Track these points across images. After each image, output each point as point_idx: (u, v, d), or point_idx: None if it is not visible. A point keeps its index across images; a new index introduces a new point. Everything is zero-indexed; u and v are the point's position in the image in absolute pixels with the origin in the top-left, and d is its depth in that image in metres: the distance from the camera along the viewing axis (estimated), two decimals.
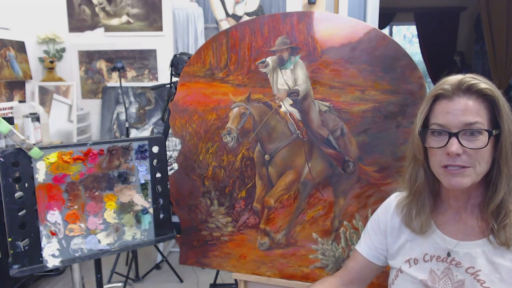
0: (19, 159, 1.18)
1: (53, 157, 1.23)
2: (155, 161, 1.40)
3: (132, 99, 3.07)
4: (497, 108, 0.81)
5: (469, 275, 0.85)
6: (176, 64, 2.23)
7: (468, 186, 0.82)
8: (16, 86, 2.87)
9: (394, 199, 1.01)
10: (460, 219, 0.89)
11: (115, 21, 3.06)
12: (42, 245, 1.23)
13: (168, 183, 1.44)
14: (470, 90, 0.81)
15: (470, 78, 0.82)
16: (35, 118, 2.59)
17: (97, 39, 3.07)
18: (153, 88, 2.54)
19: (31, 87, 3.03)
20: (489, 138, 0.79)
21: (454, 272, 0.87)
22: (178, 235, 1.51)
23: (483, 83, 0.81)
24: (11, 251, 1.17)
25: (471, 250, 0.85)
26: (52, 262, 1.24)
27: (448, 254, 0.88)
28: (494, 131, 0.80)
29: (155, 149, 1.40)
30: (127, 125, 2.75)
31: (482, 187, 0.85)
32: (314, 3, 2.49)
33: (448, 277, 0.87)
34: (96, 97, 3.16)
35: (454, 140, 0.80)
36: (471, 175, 0.81)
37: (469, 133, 0.80)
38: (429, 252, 0.91)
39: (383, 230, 1.01)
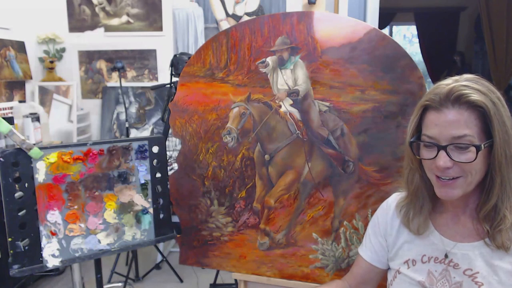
0: (19, 159, 1.18)
1: (53, 157, 1.23)
2: (155, 161, 1.40)
3: (132, 99, 3.07)
4: (489, 118, 0.76)
5: (467, 277, 0.85)
6: (176, 64, 2.23)
7: (460, 196, 0.81)
8: (16, 86, 2.87)
9: (394, 200, 1.01)
10: (458, 221, 0.88)
11: (115, 21, 3.06)
12: (42, 245, 1.23)
13: (168, 183, 1.45)
14: (459, 101, 0.77)
15: (462, 87, 0.77)
16: (35, 118, 2.59)
17: (97, 39, 3.08)
18: (153, 88, 2.54)
19: (31, 87, 3.03)
20: (477, 152, 0.76)
21: (452, 273, 0.86)
22: (178, 235, 1.51)
23: (475, 93, 0.76)
24: (11, 251, 1.17)
25: (469, 251, 0.85)
26: (52, 262, 1.24)
27: (446, 256, 0.88)
28: (483, 145, 0.77)
29: (155, 149, 1.40)
30: (127, 125, 2.75)
31: (479, 192, 0.84)
32: (314, 3, 2.49)
33: (445, 278, 0.87)
34: (96, 97, 3.16)
35: (442, 154, 0.78)
36: (461, 186, 0.80)
37: (458, 146, 0.77)
38: (427, 253, 0.91)
39: (383, 232, 1.01)
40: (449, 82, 0.80)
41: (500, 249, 0.81)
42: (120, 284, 2.47)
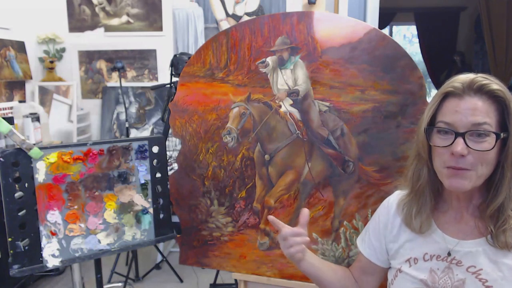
0: (19, 159, 1.18)
1: (53, 157, 1.23)
2: (155, 161, 1.40)
3: (132, 99, 3.07)
4: (507, 110, 0.79)
5: (470, 274, 0.85)
6: (176, 64, 2.23)
7: (469, 189, 0.81)
8: (16, 86, 2.87)
9: (395, 198, 1.01)
10: (461, 219, 0.89)
11: (115, 21, 3.05)
12: (42, 245, 1.23)
13: (168, 183, 1.45)
14: (481, 90, 0.80)
15: (482, 78, 0.81)
16: (35, 118, 2.59)
17: (97, 39, 3.07)
18: (153, 88, 2.54)
19: (31, 87, 3.03)
20: (496, 141, 0.78)
21: (454, 271, 0.87)
22: (178, 235, 1.51)
23: (495, 84, 0.80)
24: (11, 251, 1.17)
25: (472, 249, 0.85)
26: (52, 262, 1.25)
27: (449, 254, 0.88)
28: (502, 134, 0.79)
29: (155, 149, 1.40)
30: (127, 125, 2.75)
31: (485, 189, 0.85)
32: (314, 3, 2.49)
33: (448, 276, 0.87)
34: (96, 97, 3.16)
35: (460, 140, 0.79)
36: (472, 178, 0.80)
37: (476, 134, 0.78)
38: (429, 251, 0.91)
39: (382, 231, 1.01)
40: (469, 75, 0.83)
41: (503, 248, 0.82)
42: (120, 284, 2.47)
